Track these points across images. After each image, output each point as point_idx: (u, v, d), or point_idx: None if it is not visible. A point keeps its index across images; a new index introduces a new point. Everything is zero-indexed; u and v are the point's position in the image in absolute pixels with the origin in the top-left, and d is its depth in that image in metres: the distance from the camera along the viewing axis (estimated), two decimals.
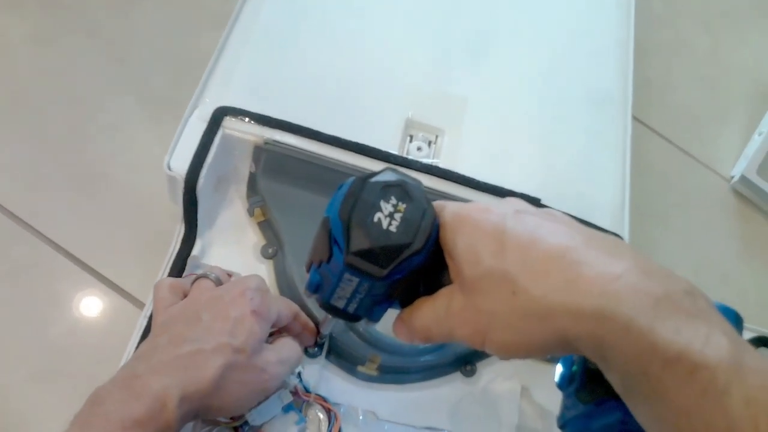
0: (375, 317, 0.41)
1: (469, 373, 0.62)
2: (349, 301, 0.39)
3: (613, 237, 0.34)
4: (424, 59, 0.71)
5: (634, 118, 0.75)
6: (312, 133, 0.62)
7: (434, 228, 0.36)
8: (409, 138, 0.67)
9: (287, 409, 0.56)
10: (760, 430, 0.26)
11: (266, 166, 0.63)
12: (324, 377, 0.59)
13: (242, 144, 0.62)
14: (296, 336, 0.54)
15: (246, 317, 0.47)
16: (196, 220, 0.60)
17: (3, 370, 0.59)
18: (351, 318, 0.41)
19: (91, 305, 0.63)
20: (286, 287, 0.61)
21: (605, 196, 0.67)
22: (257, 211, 0.64)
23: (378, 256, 0.34)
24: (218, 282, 0.51)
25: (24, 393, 0.58)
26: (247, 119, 0.61)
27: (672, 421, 0.28)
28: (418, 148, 0.66)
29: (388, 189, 0.35)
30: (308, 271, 0.41)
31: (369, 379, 0.60)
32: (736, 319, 0.37)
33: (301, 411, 0.56)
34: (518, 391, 0.62)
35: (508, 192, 0.64)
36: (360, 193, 0.35)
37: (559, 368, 0.44)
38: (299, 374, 0.57)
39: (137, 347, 0.52)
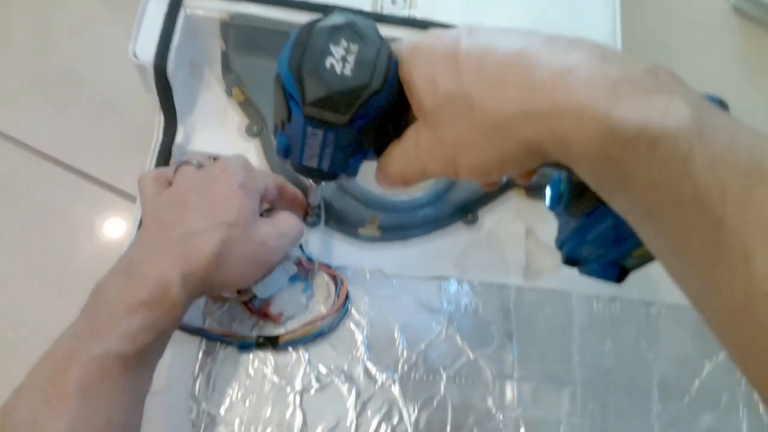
0: (351, 171, 0.40)
1: (471, 221, 0.62)
2: (321, 157, 0.37)
3: (578, 37, 0.31)
4: None
5: None
6: (277, 0, 0.59)
7: (392, 65, 0.34)
8: None
9: (293, 279, 0.56)
10: (727, 191, 0.25)
11: (236, 42, 0.61)
12: (327, 245, 0.59)
13: (207, 22, 0.59)
14: (287, 208, 0.53)
15: (233, 193, 0.46)
16: (174, 107, 0.59)
17: (11, 279, 0.60)
18: (328, 176, 0.40)
19: (88, 207, 0.63)
20: (275, 163, 0.60)
21: (596, 33, 0.64)
22: (235, 90, 0.63)
23: (336, 102, 0.33)
24: (200, 166, 0.50)
25: (27, 293, 0.59)
26: None
27: (643, 203, 0.27)
28: (393, 1, 0.63)
29: (337, 32, 0.33)
30: (275, 136, 0.39)
31: (372, 239, 0.60)
32: (720, 106, 0.36)
33: (307, 279, 0.57)
34: (523, 232, 0.62)
35: None
36: (308, 41, 0.33)
37: (548, 191, 0.43)
38: (301, 246, 0.57)
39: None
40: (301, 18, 0.59)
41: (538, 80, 0.29)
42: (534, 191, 0.63)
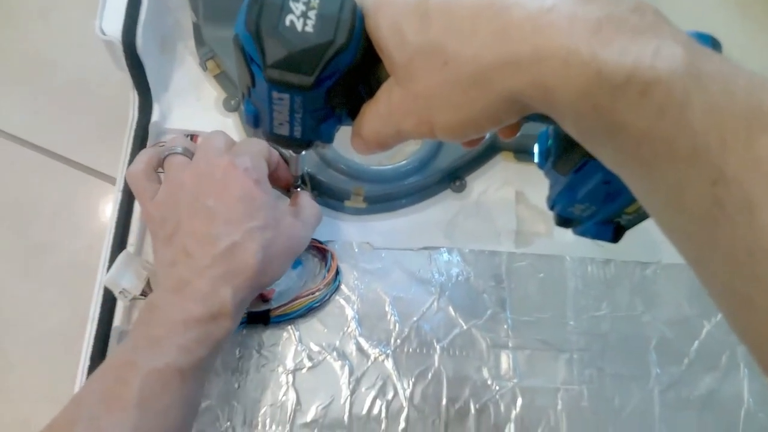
0: (326, 137, 0.37)
1: (459, 188, 0.60)
2: (291, 124, 0.35)
3: None
4: None
5: None
6: None
7: (357, 19, 0.31)
8: None
9: None
10: (726, 140, 0.23)
11: (206, 12, 0.59)
12: None
13: None
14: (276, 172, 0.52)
15: (252, 192, 0.45)
16: (148, 84, 0.57)
17: None
18: (302, 144, 0.37)
19: (66, 190, 0.62)
20: (255, 136, 0.58)
21: None
22: (210, 63, 0.61)
23: (299, 62, 0.31)
24: (188, 153, 0.49)
25: (16, 288, 0.58)
26: None
27: (635, 156, 0.25)
28: None
29: None
30: (243, 105, 0.37)
31: (359, 212, 0.58)
32: (712, 45, 0.33)
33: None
34: (513, 197, 0.60)
35: None
36: None
37: (535, 147, 0.41)
38: None
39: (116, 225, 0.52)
40: None
41: (516, 23, 0.26)
42: (523, 154, 0.61)
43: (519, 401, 0.54)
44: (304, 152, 0.49)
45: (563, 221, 0.43)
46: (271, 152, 0.50)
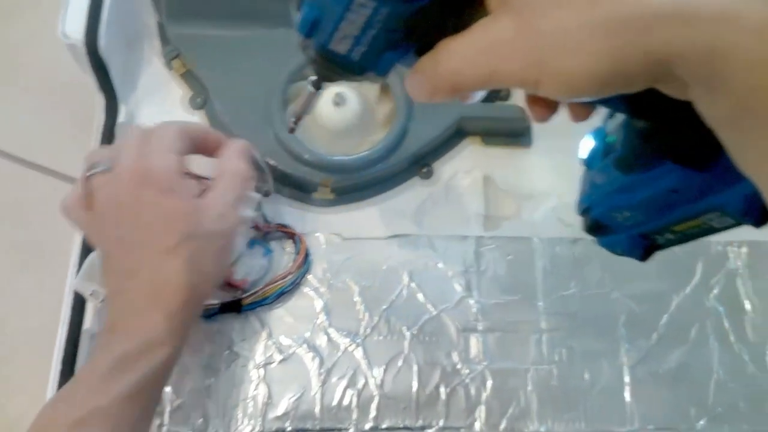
0: (381, 69, 0.32)
1: (427, 174, 0.60)
2: (357, 40, 0.30)
3: None
4: None
5: None
6: None
7: None
8: None
9: (252, 244, 0.56)
10: None
11: (169, 10, 0.59)
12: (281, 213, 0.58)
13: None
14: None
15: (162, 206, 0.43)
16: (112, 85, 0.58)
17: None
18: (353, 69, 0.32)
19: (38, 197, 0.63)
20: (222, 132, 0.59)
21: None
22: (176, 63, 0.61)
23: None
24: (107, 169, 0.45)
25: None
26: None
27: None
28: None
29: None
30: (298, 6, 0.31)
31: (328, 204, 0.59)
32: None
33: (266, 242, 0.56)
34: (481, 181, 0.61)
35: None
36: None
37: (588, 142, 0.38)
38: (259, 206, 0.56)
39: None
40: None
41: None
42: (490, 137, 0.62)
43: (489, 383, 0.55)
44: (322, 90, 0.41)
45: (595, 227, 0.40)
46: (186, 131, 0.47)
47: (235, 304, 0.54)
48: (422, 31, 0.30)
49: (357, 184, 0.59)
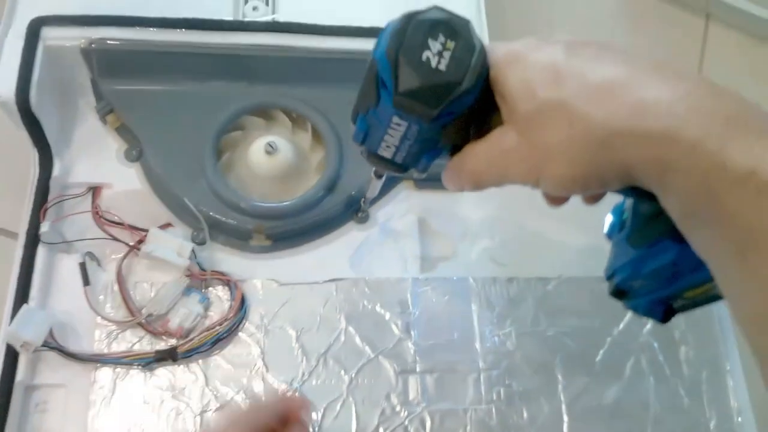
0: (422, 167, 0.39)
1: (363, 219, 0.61)
2: (398, 148, 0.37)
3: (677, 63, 0.31)
4: None
5: None
6: (135, 20, 0.59)
7: (485, 67, 0.34)
8: (244, 0, 0.63)
9: (188, 292, 0.56)
10: None
11: (101, 68, 0.60)
12: (218, 260, 0.58)
13: (68, 51, 0.58)
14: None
15: None
16: (46, 140, 0.58)
17: None
18: (399, 168, 0.39)
19: None
20: (156, 184, 0.59)
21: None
22: (110, 117, 0.62)
23: (427, 95, 0.33)
24: None
25: None
26: (66, 24, 0.58)
27: (737, 243, 0.27)
28: (254, 8, 0.62)
29: (435, 26, 0.33)
30: (354, 122, 0.39)
31: (264, 250, 0.59)
32: None
33: (201, 290, 0.56)
34: (416, 224, 0.62)
35: (358, 30, 0.61)
36: (407, 31, 0.33)
37: (609, 218, 0.43)
38: (193, 254, 0.56)
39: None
40: (161, 36, 0.59)
41: (651, 102, 0.28)
42: (423, 182, 0.63)
43: (428, 425, 0.54)
44: (384, 177, 0.51)
45: (619, 292, 0.43)
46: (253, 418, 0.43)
47: (172, 352, 0.53)
48: (448, 139, 0.36)
49: (292, 229, 0.59)
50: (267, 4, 0.63)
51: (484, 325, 0.58)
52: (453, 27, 0.33)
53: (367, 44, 0.60)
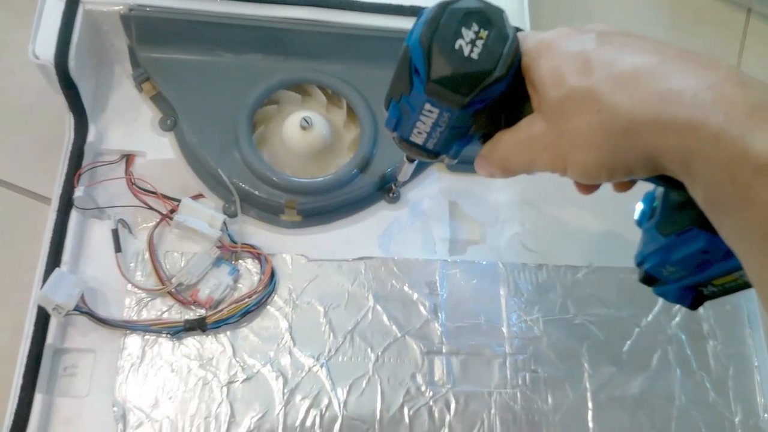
0: (453, 154, 0.40)
1: (394, 199, 0.61)
2: (429, 135, 0.38)
3: (706, 53, 0.31)
4: None
5: None
6: None
7: (517, 56, 0.34)
8: None
9: (218, 263, 0.56)
10: None
11: (139, 35, 0.60)
12: (248, 233, 0.58)
13: (107, 16, 0.58)
14: None
15: None
16: (82, 105, 0.58)
17: None
18: (430, 155, 0.40)
19: (5, 213, 0.62)
20: (190, 154, 0.59)
21: None
22: (146, 85, 0.62)
23: (459, 83, 0.34)
24: None
25: None
26: None
27: (759, 228, 0.27)
28: None
29: (469, 15, 0.33)
30: (387, 108, 0.39)
31: (295, 225, 0.59)
32: None
33: (232, 261, 0.56)
34: (446, 207, 0.62)
35: (397, 8, 0.61)
36: (440, 20, 0.33)
37: (639, 206, 0.43)
38: (225, 225, 0.56)
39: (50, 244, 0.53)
40: (200, 5, 0.58)
41: (677, 91, 0.28)
42: (455, 166, 0.63)
43: (452, 406, 0.54)
44: (416, 161, 0.51)
45: (648, 279, 0.44)
46: None
47: (200, 323, 0.53)
48: (479, 127, 0.37)
49: (324, 206, 0.59)
50: None
51: (511, 311, 0.58)
52: (487, 16, 0.34)
53: (405, 23, 0.61)
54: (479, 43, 0.33)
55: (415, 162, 0.52)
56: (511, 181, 0.61)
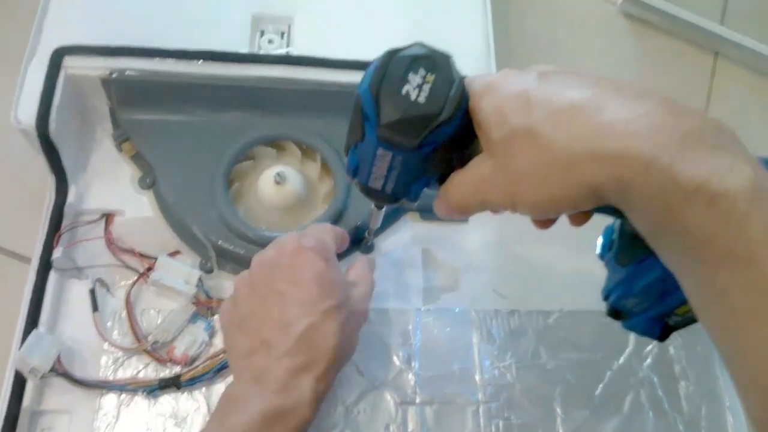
0: (412, 196, 0.41)
1: (368, 248, 0.62)
2: (386, 179, 0.39)
3: (644, 85, 0.33)
4: None
5: None
6: (155, 52, 0.60)
7: (463, 98, 0.35)
8: (260, 33, 0.65)
9: (194, 319, 0.57)
10: None
11: (119, 97, 0.62)
12: (225, 288, 0.60)
13: (88, 81, 0.60)
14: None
15: (324, 271, 0.46)
16: (62, 167, 0.60)
17: None
18: (390, 199, 0.41)
19: None
20: (167, 212, 0.61)
21: (469, 42, 0.66)
22: (126, 145, 0.64)
23: (408, 126, 0.35)
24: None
25: None
26: (88, 54, 0.60)
27: (695, 254, 0.28)
28: (270, 41, 0.64)
29: (416, 61, 0.35)
30: (347, 155, 0.41)
31: None
32: None
33: (207, 317, 0.58)
34: (419, 255, 0.63)
35: (367, 64, 0.62)
36: (388, 66, 0.35)
37: (599, 239, 0.44)
38: (200, 282, 0.57)
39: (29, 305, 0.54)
40: (179, 67, 0.60)
41: (608, 124, 0.30)
42: (427, 213, 0.64)
43: None
44: (385, 208, 0.52)
45: (614, 313, 0.44)
46: (335, 231, 0.52)
47: (175, 380, 0.54)
48: (433, 168, 0.38)
49: None
50: (282, 37, 0.65)
51: (484, 357, 0.59)
52: (433, 61, 0.35)
53: None
54: (426, 87, 0.34)
55: (384, 209, 0.52)
56: (482, 225, 0.64)
